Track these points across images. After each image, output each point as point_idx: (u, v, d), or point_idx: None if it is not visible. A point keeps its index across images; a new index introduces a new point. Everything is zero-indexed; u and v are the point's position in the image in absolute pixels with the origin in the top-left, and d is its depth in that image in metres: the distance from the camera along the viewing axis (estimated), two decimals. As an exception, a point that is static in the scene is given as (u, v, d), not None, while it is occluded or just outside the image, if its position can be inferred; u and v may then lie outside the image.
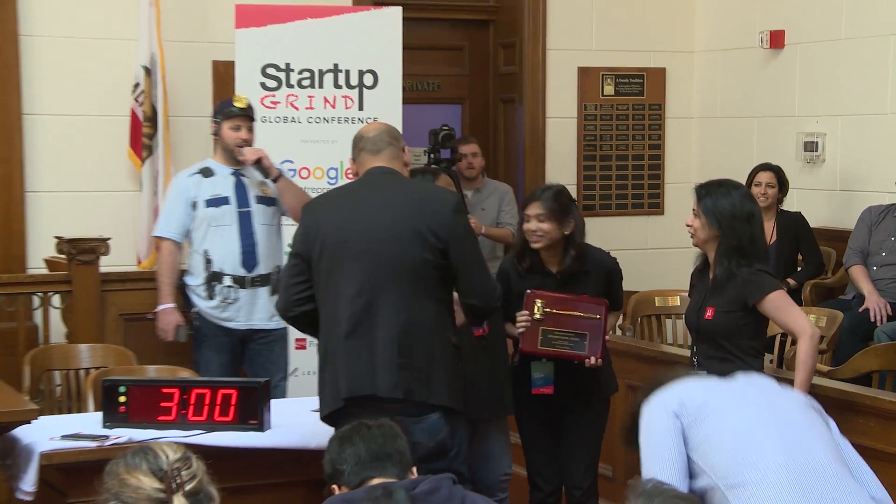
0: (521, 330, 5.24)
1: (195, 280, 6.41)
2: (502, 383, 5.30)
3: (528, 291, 5.28)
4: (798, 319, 4.84)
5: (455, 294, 4.69)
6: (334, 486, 3.38)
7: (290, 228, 6.43)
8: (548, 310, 5.29)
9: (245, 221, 6.34)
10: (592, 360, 5.27)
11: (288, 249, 6.78)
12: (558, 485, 5.53)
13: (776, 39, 8.74)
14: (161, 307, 6.46)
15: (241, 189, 6.37)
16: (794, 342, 5.42)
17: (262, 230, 6.38)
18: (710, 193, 4.97)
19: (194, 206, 6.37)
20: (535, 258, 5.35)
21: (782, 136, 8.74)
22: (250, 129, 6.38)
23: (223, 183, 6.37)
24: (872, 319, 7.02)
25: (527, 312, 5.24)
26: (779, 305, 4.83)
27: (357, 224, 4.61)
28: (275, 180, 6.35)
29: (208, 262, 6.34)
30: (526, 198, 5.55)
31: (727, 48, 9.27)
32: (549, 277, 5.37)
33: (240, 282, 6.32)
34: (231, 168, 6.39)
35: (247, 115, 6.39)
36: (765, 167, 7.82)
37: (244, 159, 6.32)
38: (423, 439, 4.44)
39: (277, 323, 6.35)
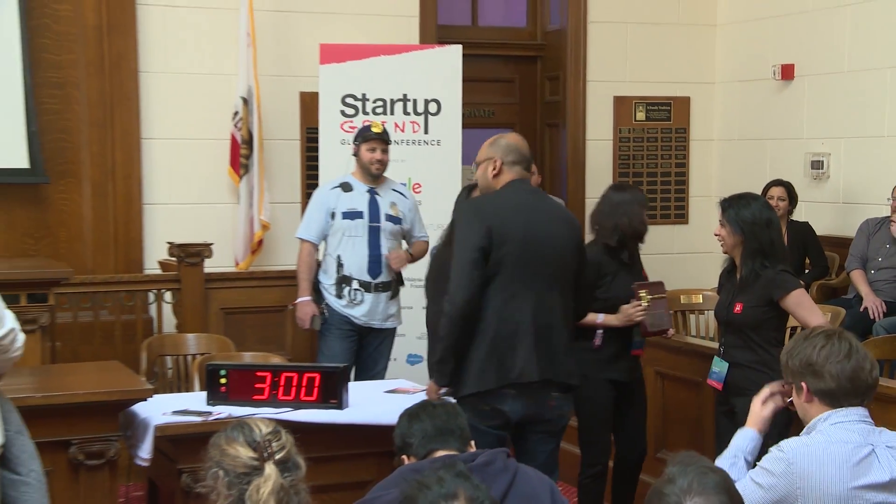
0: (640, 318, 5.37)
1: (328, 279, 6.44)
2: None
3: (635, 284, 5.44)
4: (815, 317, 4.84)
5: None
6: (403, 457, 3.38)
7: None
8: (650, 297, 5.44)
9: (374, 235, 6.36)
10: (672, 331, 5.65)
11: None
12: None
13: (787, 72, 8.68)
14: (300, 300, 6.48)
15: (374, 206, 6.38)
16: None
17: (387, 243, 6.39)
18: (733, 205, 5.00)
19: (333, 215, 6.40)
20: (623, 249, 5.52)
21: (792, 156, 8.67)
22: (384, 151, 6.39)
23: (359, 198, 6.39)
24: (872, 317, 7.01)
25: (639, 303, 5.38)
26: (800, 302, 4.88)
27: (539, 230, 4.64)
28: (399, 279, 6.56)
29: (340, 266, 6.38)
30: None
31: (744, 79, 9.21)
32: (624, 265, 5.53)
33: (365, 286, 6.34)
34: (367, 185, 6.41)
35: (382, 138, 6.40)
36: (777, 182, 7.81)
37: (376, 171, 6.41)
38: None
39: (391, 324, 6.52)
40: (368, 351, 6.44)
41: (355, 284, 6.36)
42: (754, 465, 3.39)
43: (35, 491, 3.64)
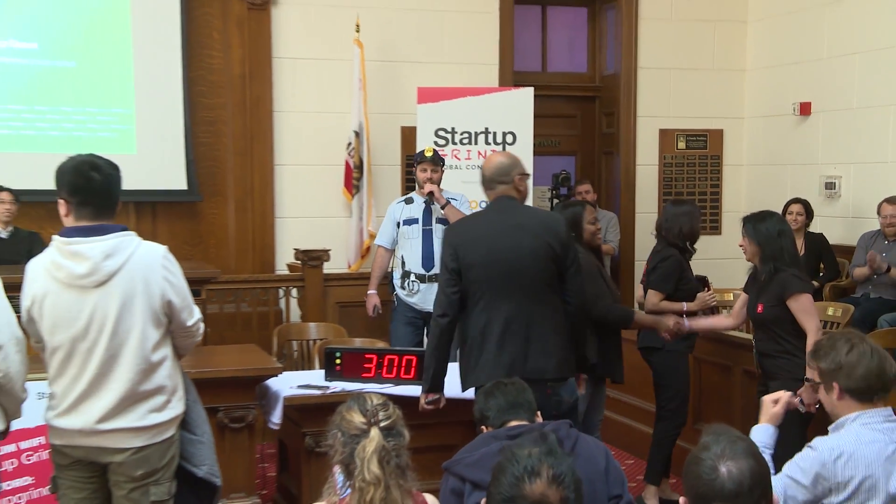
0: (714, 303, 5.64)
1: (396, 275, 6.53)
2: None
3: (699, 276, 5.68)
4: (811, 322, 4.74)
5: None
6: (482, 427, 3.37)
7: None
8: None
9: (427, 236, 6.41)
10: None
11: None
12: None
13: (805, 108, 8.56)
14: (368, 292, 6.62)
15: (427, 213, 6.43)
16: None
17: (438, 243, 6.34)
18: (751, 221, 4.96)
19: (398, 224, 6.49)
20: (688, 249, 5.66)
21: (809, 179, 8.54)
22: (434, 170, 6.40)
23: (417, 209, 6.47)
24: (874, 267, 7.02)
25: (711, 292, 5.63)
26: (804, 307, 4.75)
27: (501, 246, 4.33)
28: (442, 207, 6.38)
29: (403, 263, 6.46)
30: None
31: (768, 115, 9.09)
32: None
33: (421, 278, 6.38)
34: (423, 198, 6.44)
35: (432, 160, 6.43)
36: (796, 200, 7.71)
37: (422, 193, 6.40)
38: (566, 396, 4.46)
39: None
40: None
41: (413, 277, 6.42)
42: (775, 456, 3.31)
43: (207, 448, 3.71)
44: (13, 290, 3.54)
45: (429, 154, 6.46)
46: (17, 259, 5.63)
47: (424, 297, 6.36)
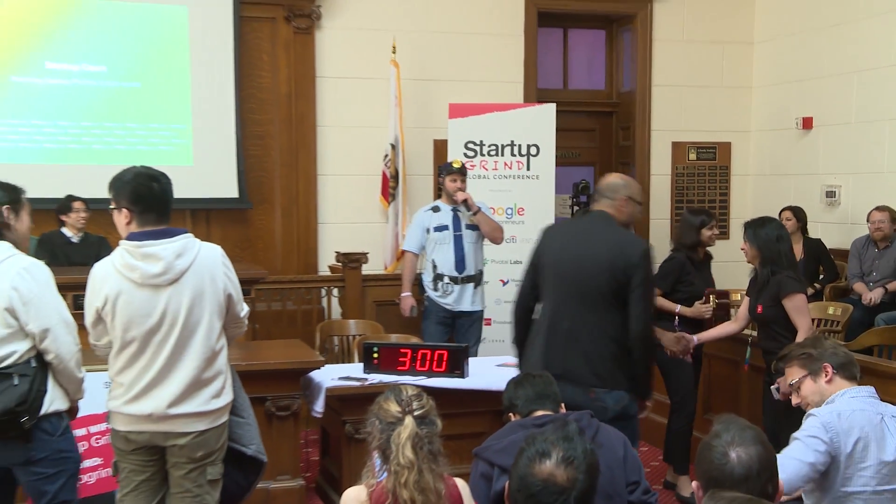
0: (708, 316, 5.47)
1: (427, 277, 6.48)
2: None
3: (707, 289, 5.52)
4: (803, 320, 4.71)
5: None
6: (510, 415, 3.35)
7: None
8: (717, 301, 5.48)
9: (458, 241, 6.38)
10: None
11: (486, 260, 6.88)
12: None
13: (807, 123, 8.52)
14: (402, 294, 6.55)
15: (456, 220, 6.41)
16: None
17: (468, 247, 6.40)
18: (752, 226, 4.94)
19: (427, 231, 6.45)
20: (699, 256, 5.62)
21: (811, 188, 8.48)
22: (463, 180, 6.40)
23: (445, 216, 6.43)
24: (868, 302, 6.93)
25: (708, 304, 5.48)
26: (797, 306, 4.72)
27: (570, 252, 4.29)
28: (474, 214, 6.36)
29: (434, 266, 6.42)
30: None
31: (773, 129, 9.03)
32: (699, 270, 5.62)
33: (454, 280, 6.36)
34: (451, 206, 6.43)
35: (460, 171, 6.42)
36: (787, 207, 7.70)
37: (457, 199, 6.36)
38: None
39: (477, 307, 6.46)
40: (461, 332, 6.40)
41: (447, 279, 6.38)
42: None
43: (253, 429, 3.75)
44: (81, 290, 3.60)
45: (457, 166, 6.45)
46: (86, 261, 5.65)
47: (457, 298, 6.36)
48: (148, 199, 3.49)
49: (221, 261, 3.57)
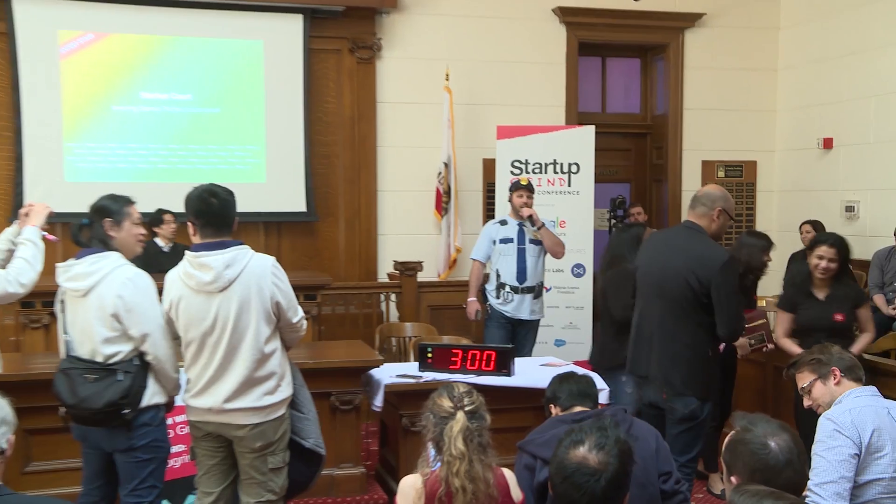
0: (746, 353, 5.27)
1: (491, 286, 6.38)
2: None
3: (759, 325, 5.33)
4: (872, 327, 4.84)
5: None
6: (551, 406, 3.32)
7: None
8: (754, 323, 5.24)
9: (521, 254, 6.27)
10: (770, 345, 5.27)
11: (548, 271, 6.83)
12: None
13: (827, 143, 8.37)
14: (469, 300, 6.44)
15: (521, 234, 6.28)
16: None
17: (531, 260, 6.29)
18: (839, 242, 5.00)
19: (494, 242, 6.35)
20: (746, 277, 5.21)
21: (831, 203, 8.33)
22: (529, 196, 6.30)
23: (511, 230, 6.32)
24: (886, 313, 6.72)
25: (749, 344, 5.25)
26: (869, 314, 4.91)
27: (657, 261, 4.31)
28: (538, 228, 6.27)
29: (498, 276, 6.31)
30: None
31: (795, 148, 8.89)
32: (744, 290, 5.19)
33: (514, 289, 6.25)
34: (517, 221, 6.33)
35: (527, 188, 6.33)
36: (807, 221, 7.60)
37: (523, 214, 6.27)
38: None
39: (535, 317, 6.34)
40: (519, 337, 6.32)
41: (508, 288, 6.27)
42: None
43: (312, 424, 3.76)
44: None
45: (524, 183, 6.38)
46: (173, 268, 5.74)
47: (517, 307, 6.26)
48: (207, 213, 3.53)
49: (271, 271, 3.56)
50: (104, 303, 3.49)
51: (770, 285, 7.54)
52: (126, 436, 3.56)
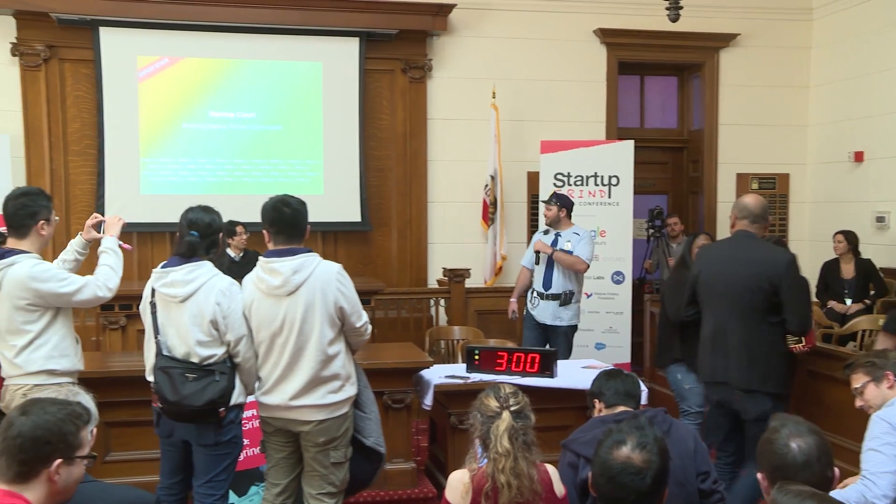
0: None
1: (530, 291, 6.36)
2: None
3: None
4: None
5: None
6: (595, 400, 3.25)
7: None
8: None
9: (550, 263, 6.20)
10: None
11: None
12: None
13: (859, 156, 8.21)
14: (511, 299, 6.44)
15: (555, 243, 6.24)
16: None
17: (557, 269, 6.20)
18: None
19: (535, 251, 6.31)
20: None
21: (862, 213, 8.16)
22: (548, 209, 6.27)
23: (549, 238, 6.28)
24: None
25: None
26: None
27: (727, 271, 4.24)
28: (549, 255, 6.18)
29: (533, 281, 6.32)
30: None
31: (828, 161, 8.72)
32: None
33: (541, 295, 6.23)
34: (555, 230, 6.29)
35: (546, 202, 6.35)
36: (839, 232, 7.40)
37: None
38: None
39: (558, 323, 6.22)
40: (552, 342, 6.23)
41: (535, 293, 6.25)
42: None
43: (374, 424, 3.77)
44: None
45: (544, 198, 6.37)
46: (244, 276, 5.79)
47: (542, 311, 6.23)
48: (279, 222, 3.58)
49: (336, 277, 3.58)
50: (203, 310, 3.55)
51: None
52: (214, 432, 3.61)
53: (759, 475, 2.39)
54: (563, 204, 6.32)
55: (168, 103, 7.72)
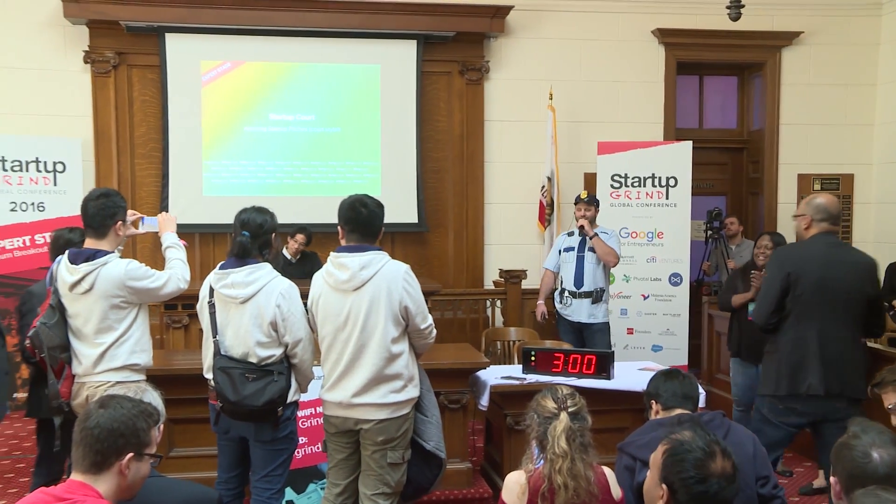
0: None
1: (557, 292, 6.41)
2: None
3: None
4: None
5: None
6: (652, 402, 3.20)
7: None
8: None
9: (580, 261, 6.27)
10: None
11: (628, 277, 6.70)
12: None
13: (927, 156, 7.96)
14: (538, 302, 6.49)
15: (582, 243, 6.30)
16: None
17: (588, 267, 6.26)
18: None
19: (560, 252, 6.42)
20: None
21: (931, 215, 7.91)
22: (587, 209, 6.28)
23: (575, 240, 6.36)
24: None
25: None
26: None
27: (831, 276, 4.10)
28: (590, 238, 6.24)
29: (561, 282, 6.36)
30: None
31: (893, 161, 8.47)
32: None
33: (573, 294, 6.26)
34: (580, 231, 6.34)
35: (585, 201, 6.34)
36: None
37: (579, 226, 6.29)
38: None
39: (593, 320, 6.25)
40: (589, 341, 6.25)
41: (567, 293, 6.29)
42: None
43: (434, 428, 3.77)
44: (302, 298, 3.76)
45: (583, 196, 6.37)
46: (301, 276, 5.87)
47: (575, 310, 6.26)
48: (354, 220, 3.63)
49: (403, 276, 3.61)
50: (263, 312, 3.60)
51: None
52: (272, 429, 3.66)
53: (831, 479, 2.33)
54: (598, 205, 6.42)
55: (230, 107, 7.87)
